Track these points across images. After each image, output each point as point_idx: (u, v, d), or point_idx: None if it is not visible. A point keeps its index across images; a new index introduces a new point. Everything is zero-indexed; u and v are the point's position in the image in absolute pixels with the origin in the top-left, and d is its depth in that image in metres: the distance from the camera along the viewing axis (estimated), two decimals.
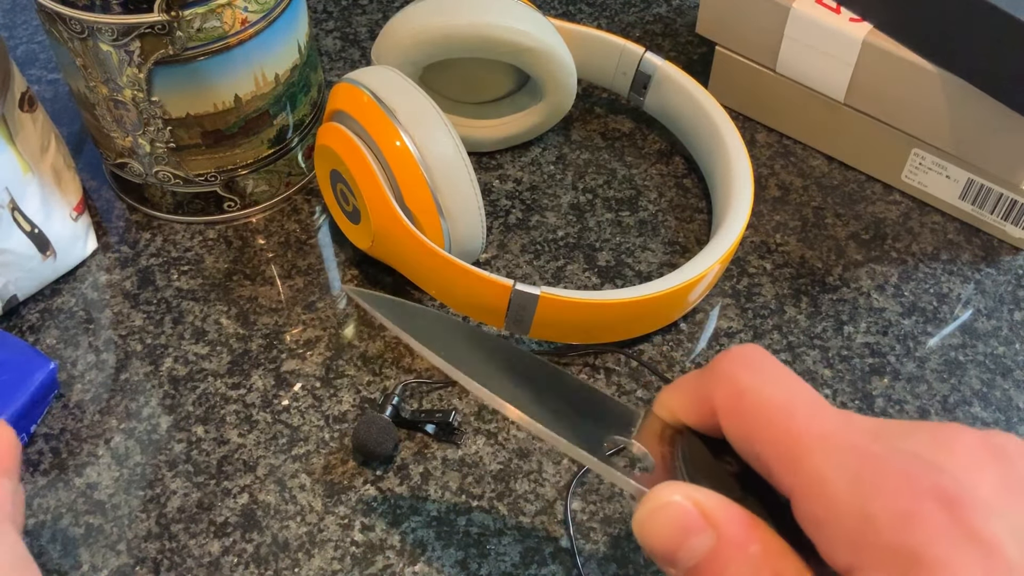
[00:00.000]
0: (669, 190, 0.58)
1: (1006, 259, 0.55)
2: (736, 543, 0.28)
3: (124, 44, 0.48)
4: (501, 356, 0.35)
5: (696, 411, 0.31)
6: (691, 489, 0.29)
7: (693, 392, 0.31)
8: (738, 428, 0.29)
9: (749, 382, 0.30)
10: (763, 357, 0.30)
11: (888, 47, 0.53)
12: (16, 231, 0.50)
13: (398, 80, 0.50)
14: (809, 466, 0.27)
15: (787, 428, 0.28)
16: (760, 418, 0.29)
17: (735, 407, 0.30)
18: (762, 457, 0.29)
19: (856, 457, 0.27)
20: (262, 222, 0.57)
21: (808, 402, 0.29)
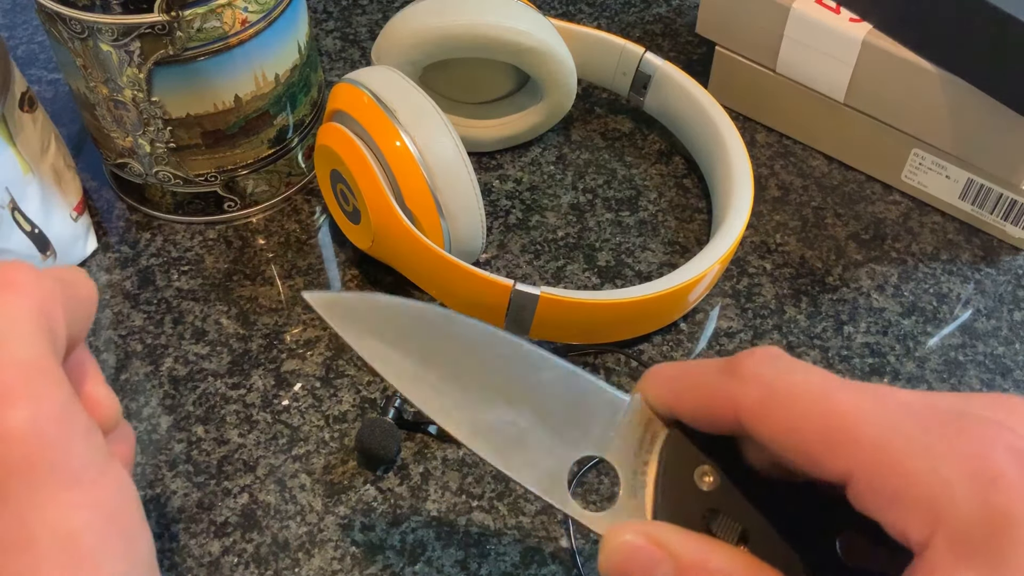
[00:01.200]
0: (669, 190, 0.58)
1: (1006, 259, 0.55)
2: (695, 567, 0.28)
3: (124, 44, 0.48)
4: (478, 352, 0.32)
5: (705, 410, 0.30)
6: (642, 525, 0.29)
7: (704, 390, 0.30)
8: (774, 424, 0.28)
9: (777, 377, 0.28)
10: (783, 354, 0.30)
11: (888, 47, 0.53)
12: (16, 231, 0.50)
13: (398, 80, 0.50)
14: (867, 440, 0.26)
15: (831, 409, 0.27)
16: (798, 407, 0.27)
17: (767, 404, 0.28)
18: (805, 447, 0.27)
19: (920, 423, 0.26)
20: (262, 222, 0.57)
21: (844, 383, 0.28)
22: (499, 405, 0.32)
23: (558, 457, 0.31)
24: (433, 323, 0.32)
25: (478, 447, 0.31)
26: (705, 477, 0.30)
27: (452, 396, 0.32)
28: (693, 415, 0.31)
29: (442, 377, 0.32)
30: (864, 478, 0.26)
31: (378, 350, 0.32)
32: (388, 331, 0.32)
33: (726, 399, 0.29)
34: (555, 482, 0.31)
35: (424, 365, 0.32)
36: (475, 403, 0.32)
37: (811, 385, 0.28)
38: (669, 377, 0.31)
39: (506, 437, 0.31)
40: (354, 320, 0.32)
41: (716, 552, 0.28)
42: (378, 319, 0.32)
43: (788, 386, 0.28)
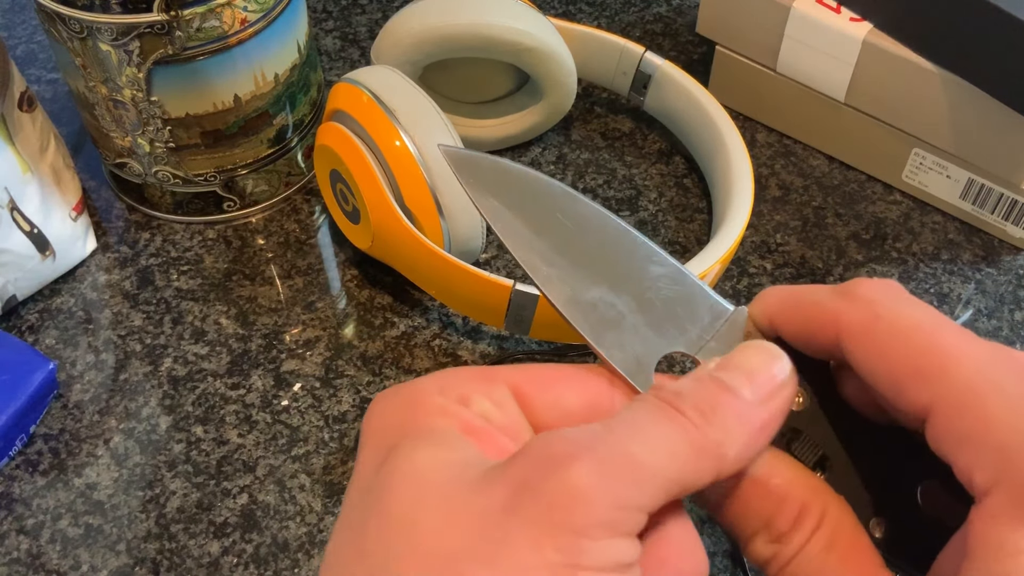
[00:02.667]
0: (669, 190, 0.58)
1: (1006, 259, 0.55)
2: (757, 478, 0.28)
3: (123, 44, 0.48)
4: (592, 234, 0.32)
5: (807, 327, 0.29)
6: None
7: (811, 307, 0.29)
8: (871, 348, 0.27)
9: (890, 306, 0.27)
10: (901, 287, 0.28)
11: (888, 47, 0.53)
12: (15, 231, 0.50)
13: (398, 80, 0.50)
14: (957, 378, 0.25)
15: (932, 343, 0.26)
16: (899, 335, 0.27)
17: (870, 327, 0.27)
18: (895, 374, 0.27)
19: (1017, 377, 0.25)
20: (262, 222, 0.57)
21: (958, 327, 0.27)
22: (603, 286, 0.32)
23: (650, 346, 0.31)
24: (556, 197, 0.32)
25: (573, 318, 0.31)
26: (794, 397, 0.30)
27: (560, 267, 0.31)
28: (795, 331, 0.30)
29: (554, 248, 0.32)
30: (943, 414, 0.25)
31: (497, 210, 0.32)
32: (511, 195, 0.32)
33: (831, 317, 0.28)
34: (641, 367, 0.31)
35: (539, 234, 0.32)
36: (581, 279, 0.32)
37: (920, 318, 0.27)
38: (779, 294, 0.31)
39: (603, 316, 0.31)
40: (480, 178, 0.32)
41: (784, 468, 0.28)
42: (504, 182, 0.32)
43: (896, 314, 0.27)
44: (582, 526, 0.24)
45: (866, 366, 0.27)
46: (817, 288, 0.30)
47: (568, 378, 0.30)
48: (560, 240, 0.32)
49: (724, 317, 0.31)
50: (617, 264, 0.32)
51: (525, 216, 0.32)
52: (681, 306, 0.32)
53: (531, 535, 0.24)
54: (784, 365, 0.29)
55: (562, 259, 0.32)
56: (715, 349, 0.31)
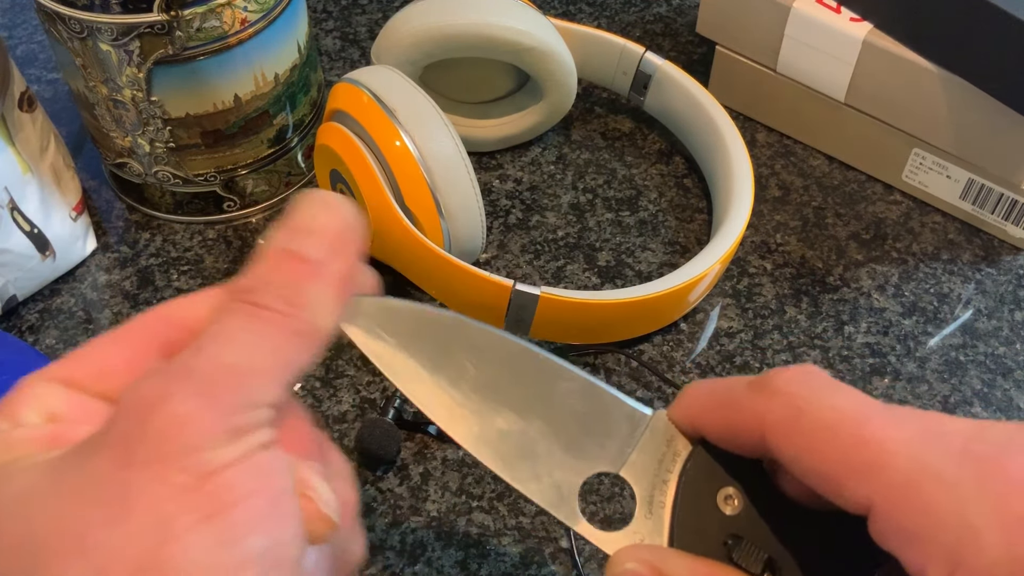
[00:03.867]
0: (669, 190, 0.58)
1: (1007, 259, 0.55)
2: None
3: (123, 44, 0.48)
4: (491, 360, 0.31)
5: (730, 428, 0.28)
6: (646, 552, 0.28)
7: (731, 407, 0.28)
8: (798, 445, 0.26)
9: (810, 397, 0.26)
10: (820, 373, 0.27)
11: (888, 47, 0.53)
12: (15, 231, 0.50)
13: (398, 80, 0.50)
14: (894, 472, 0.24)
15: (861, 436, 0.25)
16: (825, 429, 0.26)
17: (794, 422, 0.26)
18: (829, 473, 0.26)
19: (954, 459, 0.24)
20: (262, 222, 0.57)
21: (883, 409, 0.26)
22: (509, 413, 0.30)
23: (569, 471, 0.30)
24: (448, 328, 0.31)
25: (483, 455, 0.30)
26: (729, 500, 0.29)
27: (458, 400, 0.30)
28: (718, 431, 0.29)
29: (452, 382, 0.30)
30: (885, 511, 0.25)
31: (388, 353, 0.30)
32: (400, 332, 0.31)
33: (752, 414, 0.27)
34: (564, 497, 0.30)
35: (435, 370, 0.30)
36: (483, 410, 0.30)
37: (844, 408, 0.26)
38: (698, 392, 0.30)
39: (514, 447, 0.30)
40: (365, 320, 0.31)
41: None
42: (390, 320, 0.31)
43: (818, 406, 0.26)
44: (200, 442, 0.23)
45: (796, 464, 0.27)
46: (736, 383, 0.29)
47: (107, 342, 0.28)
48: (458, 372, 0.30)
49: (643, 424, 0.30)
50: (522, 386, 0.30)
51: (416, 351, 0.30)
52: (596, 420, 0.30)
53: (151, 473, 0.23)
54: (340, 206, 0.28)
55: (461, 393, 0.30)
56: (639, 461, 0.30)
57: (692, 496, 0.29)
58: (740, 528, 0.28)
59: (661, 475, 0.30)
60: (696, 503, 0.29)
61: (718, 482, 0.29)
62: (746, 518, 0.28)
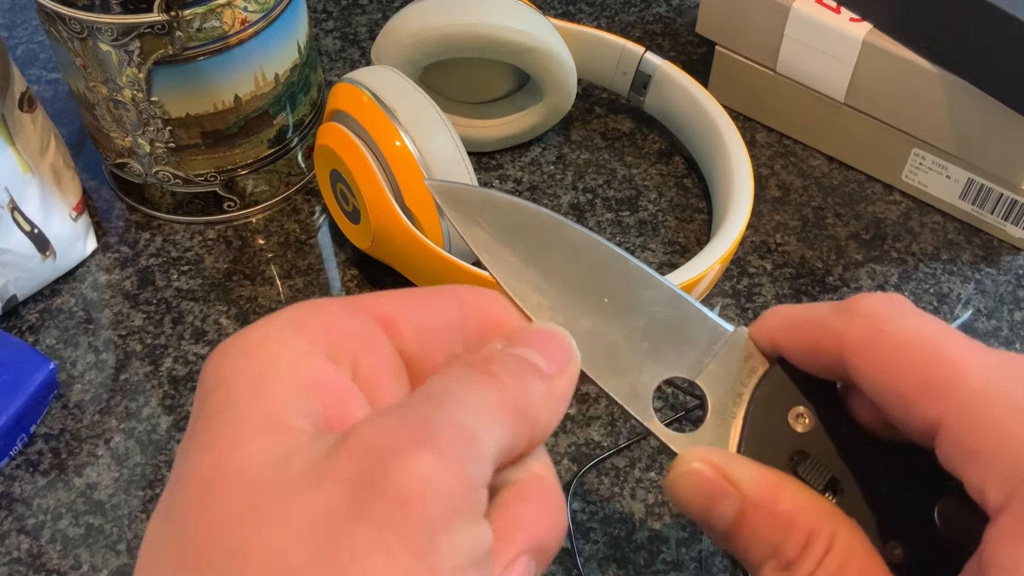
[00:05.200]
0: (669, 190, 0.58)
1: (1006, 259, 0.55)
2: (762, 505, 0.27)
3: (124, 44, 0.48)
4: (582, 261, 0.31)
5: (810, 346, 0.29)
6: (713, 454, 0.28)
7: (813, 326, 0.28)
8: (875, 364, 0.26)
9: (893, 319, 0.27)
10: (904, 300, 0.28)
11: (888, 47, 0.53)
12: (16, 231, 0.50)
13: (398, 80, 0.50)
14: (965, 392, 0.25)
15: (939, 355, 0.25)
16: (904, 349, 0.26)
17: (873, 342, 0.27)
18: (901, 389, 0.26)
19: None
20: (262, 222, 0.57)
21: (965, 338, 0.26)
22: (596, 314, 0.31)
23: (647, 372, 0.30)
24: (545, 225, 0.31)
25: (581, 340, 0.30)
26: (800, 419, 0.29)
27: (550, 296, 0.31)
28: (797, 350, 0.29)
29: (544, 277, 0.31)
30: (952, 428, 0.25)
31: (485, 241, 0.31)
32: (498, 224, 0.31)
33: (833, 334, 0.28)
34: (639, 395, 0.30)
35: (528, 263, 0.31)
36: (572, 307, 0.31)
37: (924, 331, 0.26)
38: (780, 312, 0.30)
39: (597, 345, 0.30)
40: (467, 208, 0.31)
41: (789, 493, 0.27)
42: (491, 212, 0.31)
43: (899, 328, 0.26)
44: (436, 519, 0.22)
45: (871, 383, 0.27)
46: (819, 306, 0.29)
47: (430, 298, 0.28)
48: (550, 269, 0.31)
49: (723, 339, 0.31)
50: (611, 289, 0.31)
51: (513, 246, 0.31)
52: (678, 330, 0.31)
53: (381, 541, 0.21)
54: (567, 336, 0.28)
55: (552, 288, 0.31)
56: (715, 372, 0.30)
57: (764, 409, 0.29)
58: (808, 445, 0.29)
59: (736, 388, 0.30)
60: (767, 417, 0.29)
61: (791, 400, 0.29)
62: (815, 437, 0.29)
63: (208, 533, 0.22)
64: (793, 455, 0.29)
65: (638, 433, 0.47)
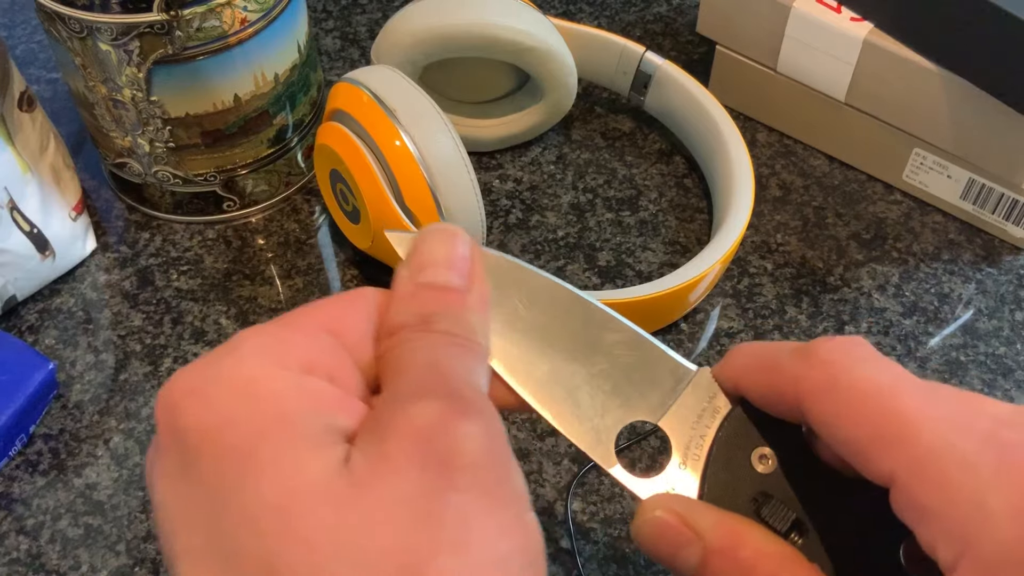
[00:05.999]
0: (669, 190, 0.58)
1: (1007, 259, 0.55)
2: (723, 552, 0.27)
3: (123, 43, 0.48)
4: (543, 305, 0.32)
5: (770, 390, 0.29)
6: (675, 501, 0.28)
7: (773, 370, 0.29)
8: (830, 412, 0.27)
9: (848, 367, 0.27)
10: (865, 345, 0.28)
11: (889, 46, 0.53)
12: (15, 231, 0.50)
13: (398, 80, 0.50)
14: (917, 447, 0.25)
15: (892, 407, 0.25)
16: (858, 398, 0.26)
17: (829, 390, 0.27)
18: (856, 440, 0.26)
19: (979, 442, 0.24)
20: (261, 222, 0.57)
21: (920, 386, 0.26)
22: (557, 358, 0.31)
23: (610, 416, 0.31)
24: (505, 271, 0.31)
25: (529, 394, 0.31)
26: (763, 460, 0.29)
27: (512, 342, 0.31)
28: (759, 393, 0.29)
29: (504, 323, 0.31)
30: (905, 484, 0.25)
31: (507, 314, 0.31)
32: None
33: (791, 379, 0.28)
34: (602, 440, 0.30)
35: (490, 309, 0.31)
36: (533, 353, 0.31)
37: (879, 380, 0.26)
38: (743, 353, 0.30)
39: (559, 389, 0.31)
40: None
41: (751, 539, 0.27)
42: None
43: (854, 376, 0.27)
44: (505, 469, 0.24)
45: (826, 431, 0.27)
46: (780, 347, 0.29)
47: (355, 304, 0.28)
48: (511, 314, 0.31)
49: (687, 379, 0.31)
50: (572, 334, 0.31)
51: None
52: (641, 372, 0.31)
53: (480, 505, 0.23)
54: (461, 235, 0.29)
55: (514, 333, 0.31)
56: (678, 413, 0.30)
57: (727, 451, 0.30)
58: (771, 487, 0.29)
59: (699, 429, 0.30)
60: (730, 459, 0.29)
61: (754, 441, 0.30)
62: (778, 478, 0.29)
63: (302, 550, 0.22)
64: (756, 496, 0.29)
65: (639, 433, 0.47)
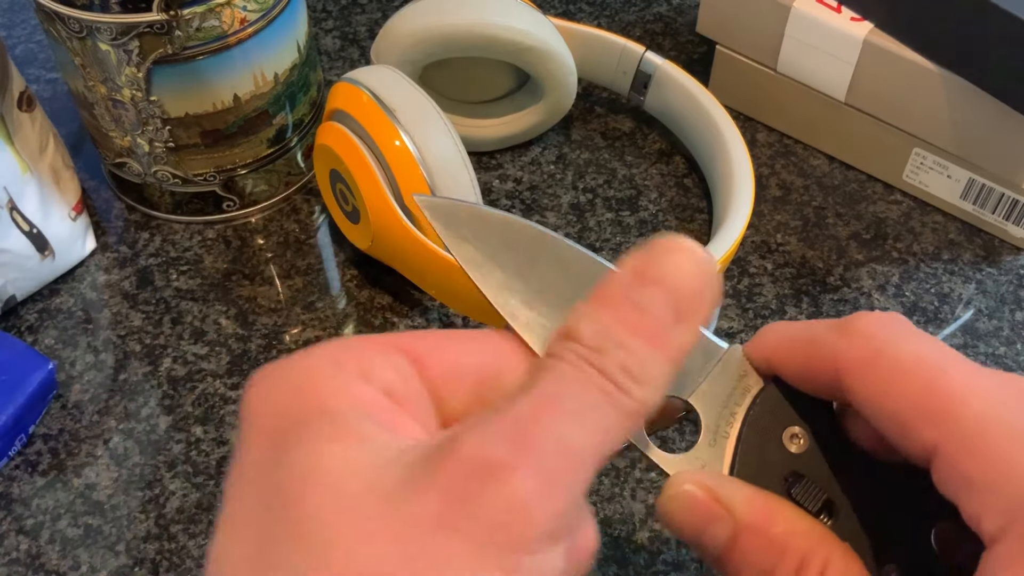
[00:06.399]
0: (669, 190, 0.58)
1: (1007, 259, 0.55)
2: (755, 528, 0.27)
3: (123, 43, 0.48)
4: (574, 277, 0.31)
5: (806, 365, 0.28)
6: (705, 476, 0.28)
7: (809, 344, 0.28)
8: (873, 386, 0.26)
9: (892, 340, 0.26)
10: (903, 319, 0.27)
11: (889, 46, 0.53)
12: (14, 231, 0.50)
13: (398, 80, 0.50)
14: (963, 419, 0.24)
15: (937, 381, 0.25)
16: (901, 372, 0.26)
17: (871, 364, 0.26)
18: (899, 413, 0.25)
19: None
20: (261, 222, 0.57)
21: (965, 362, 0.26)
22: None
23: None
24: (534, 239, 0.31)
25: None
26: (795, 439, 0.29)
27: (540, 312, 0.30)
28: (793, 369, 0.29)
29: (535, 293, 0.30)
30: (949, 455, 0.24)
31: (474, 257, 0.31)
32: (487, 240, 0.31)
33: (829, 354, 0.27)
34: None
35: (518, 279, 0.30)
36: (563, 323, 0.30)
37: (923, 354, 0.26)
38: (776, 330, 0.29)
39: None
40: (455, 224, 0.31)
41: (783, 516, 0.27)
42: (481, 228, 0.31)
43: (897, 350, 0.26)
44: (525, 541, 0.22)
45: (868, 405, 0.26)
46: (816, 324, 0.28)
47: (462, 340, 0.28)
48: (540, 284, 0.30)
49: (717, 357, 0.30)
50: None
51: (503, 262, 0.30)
52: None
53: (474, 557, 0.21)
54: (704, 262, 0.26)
55: (543, 304, 0.30)
56: (709, 391, 0.30)
57: (758, 430, 0.29)
58: (802, 467, 0.28)
59: (729, 407, 0.30)
60: (761, 437, 0.29)
61: (785, 420, 0.29)
62: (809, 458, 0.28)
63: (293, 529, 0.22)
64: (787, 476, 0.28)
65: None
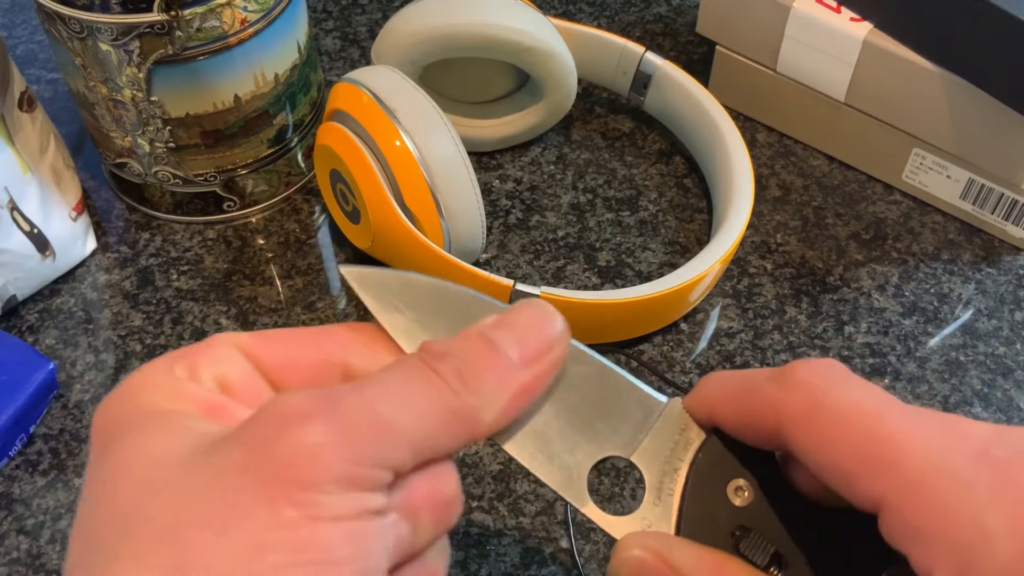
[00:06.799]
0: (669, 190, 0.58)
1: (1007, 259, 0.55)
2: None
3: (123, 44, 0.48)
4: None
5: (747, 417, 0.28)
6: (653, 539, 0.28)
7: (749, 396, 0.28)
8: (814, 437, 0.26)
9: (830, 390, 0.26)
10: (842, 367, 0.27)
11: (889, 47, 0.53)
12: (15, 231, 0.50)
13: (398, 80, 0.50)
14: (906, 468, 0.24)
15: (878, 431, 0.25)
16: (843, 424, 0.26)
17: (812, 414, 0.26)
18: (842, 465, 0.25)
19: (971, 461, 0.24)
20: (262, 222, 0.57)
21: (903, 407, 0.26)
22: None
23: (580, 453, 0.30)
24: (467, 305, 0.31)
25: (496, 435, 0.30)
26: (739, 491, 0.29)
27: None
28: (734, 421, 0.29)
29: None
30: (897, 508, 0.24)
31: (404, 326, 0.31)
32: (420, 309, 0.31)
33: (770, 405, 0.27)
34: (573, 479, 0.30)
35: None
36: None
37: (863, 402, 0.26)
38: (715, 381, 0.30)
39: (527, 426, 0.30)
40: (384, 294, 0.31)
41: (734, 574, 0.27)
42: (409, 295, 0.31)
43: (837, 399, 0.26)
44: (315, 482, 0.23)
45: (811, 457, 0.26)
46: (755, 374, 0.28)
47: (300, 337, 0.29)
48: None
49: (657, 411, 0.30)
50: None
51: (434, 329, 0.31)
52: (610, 405, 0.30)
53: (265, 494, 0.23)
54: (557, 324, 0.28)
55: None
56: (651, 447, 0.30)
57: (702, 485, 0.29)
58: (749, 520, 0.28)
59: (672, 463, 0.29)
60: (706, 492, 0.29)
61: (729, 473, 0.29)
62: (755, 510, 0.28)
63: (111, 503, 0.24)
64: (735, 531, 0.28)
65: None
